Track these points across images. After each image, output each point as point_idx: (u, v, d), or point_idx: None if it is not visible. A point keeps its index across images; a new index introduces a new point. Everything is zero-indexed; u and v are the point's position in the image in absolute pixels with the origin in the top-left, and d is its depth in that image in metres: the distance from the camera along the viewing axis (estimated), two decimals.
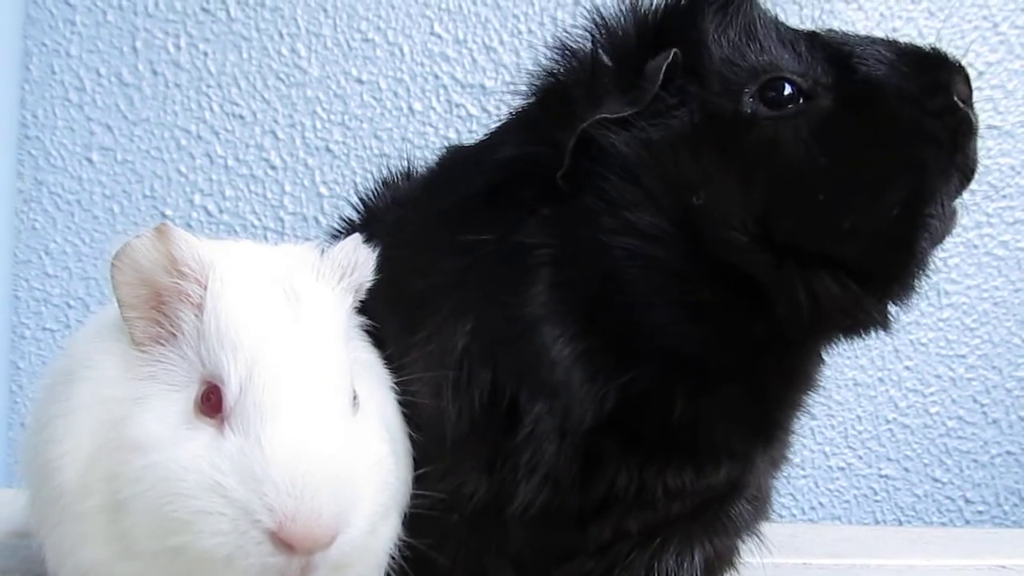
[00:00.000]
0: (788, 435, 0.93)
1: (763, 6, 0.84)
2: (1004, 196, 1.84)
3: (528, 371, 0.80)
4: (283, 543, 0.67)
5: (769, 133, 0.77)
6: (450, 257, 0.84)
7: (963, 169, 0.79)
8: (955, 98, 0.77)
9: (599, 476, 0.83)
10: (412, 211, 0.95)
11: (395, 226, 0.95)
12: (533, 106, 0.86)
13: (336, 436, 0.72)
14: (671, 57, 0.79)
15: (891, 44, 0.81)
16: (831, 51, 0.81)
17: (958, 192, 0.80)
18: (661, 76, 0.79)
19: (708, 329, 0.78)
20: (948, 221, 0.79)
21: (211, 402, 0.72)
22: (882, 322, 0.82)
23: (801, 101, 0.78)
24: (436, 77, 1.76)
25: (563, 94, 0.83)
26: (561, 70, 0.84)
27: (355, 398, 0.78)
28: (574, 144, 0.79)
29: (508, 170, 0.84)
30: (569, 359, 0.80)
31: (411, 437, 0.85)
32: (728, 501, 0.90)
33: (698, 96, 0.79)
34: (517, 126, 0.88)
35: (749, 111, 0.78)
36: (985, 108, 1.83)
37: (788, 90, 0.78)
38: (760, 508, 0.94)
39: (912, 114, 0.77)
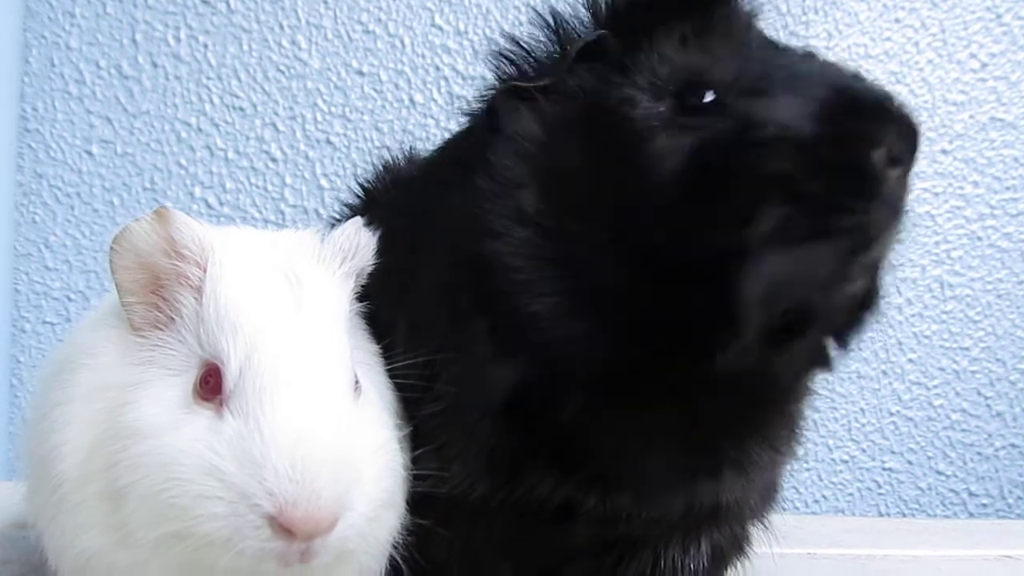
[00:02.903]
0: (783, 444, 0.87)
1: (740, 7, 0.80)
2: (1008, 188, 1.83)
3: (449, 336, 0.79)
4: (282, 528, 0.66)
5: (644, 137, 0.74)
6: (421, 230, 0.84)
7: (851, 232, 0.70)
8: (868, 156, 0.70)
9: (523, 475, 0.80)
10: (410, 190, 0.95)
11: (392, 207, 0.94)
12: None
13: (337, 420, 0.71)
14: (592, 37, 0.78)
15: (835, 79, 0.74)
16: (767, 72, 0.75)
17: (850, 255, 0.71)
18: (573, 54, 0.77)
19: (583, 329, 0.75)
20: (832, 278, 0.71)
21: (209, 386, 0.71)
22: (757, 359, 0.75)
23: (717, 113, 0.74)
24: (437, 69, 1.76)
25: (514, 64, 0.83)
26: (526, 38, 0.84)
27: (356, 383, 0.77)
28: (488, 108, 0.79)
29: (461, 141, 0.85)
30: (482, 328, 0.78)
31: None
32: (719, 522, 0.87)
33: (592, 82, 0.77)
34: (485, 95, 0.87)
35: (633, 110, 0.75)
36: (988, 100, 1.83)
37: (709, 98, 0.75)
38: (768, 496, 0.93)
39: (768, 158, 0.70)
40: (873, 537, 1.39)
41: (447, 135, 1.01)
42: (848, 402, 1.83)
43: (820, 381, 0.93)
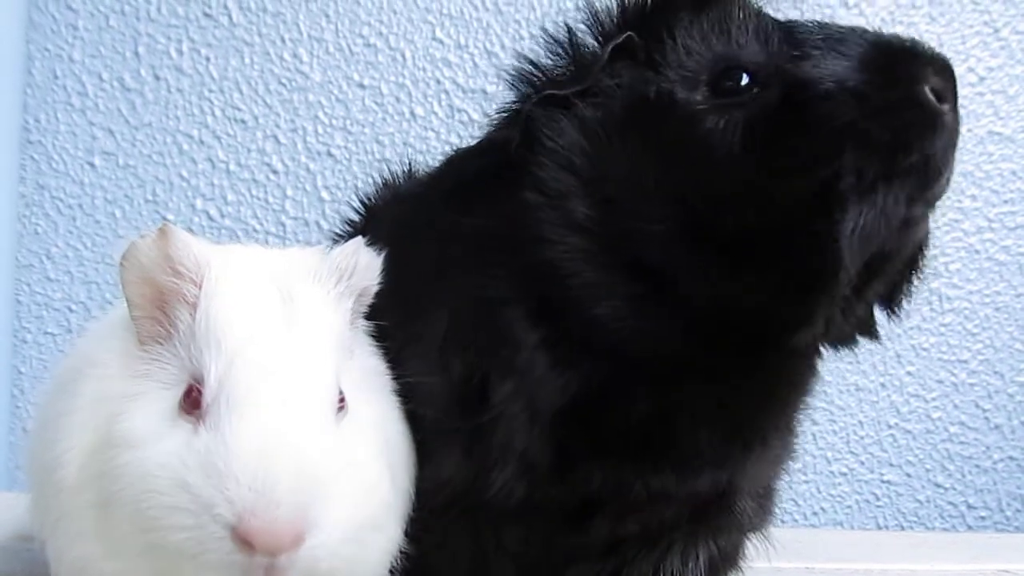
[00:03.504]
0: (785, 436, 0.91)
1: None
2: (1005, 201, 1.84)
3: (496, 351, 0.80)
4: (243, 541, 0.65)
5: (695, 119, 0.76)
6: (436, 245, 0.85)
7: (920, 170, 0.73)
8: (920, 92, 0.72)
9: (573, 471, 0.81)
10: (411, 205, 0.96)
11: (395, 222, 0.95)
12: (517, 93, 0.87)
13: (309, 436, 0.70)
14: (621, 39, 0.79)
15: (864, 35, 0.78)
16: (797, 42, 0.78)
17: (916, 194, 0.74)
18: (606, 55, 0.79)
19: (649, 326, 0.77)
20: (900, 225, 0.74)
21: (191, 399, 0.72)
22: (830, 328, 0.78)
23: (755, 91, 0.76)
24: (438, 82, 1.77)
25: (534, 79, 0.84)
26: (540, 57, 0.85)
27: (342, 403, 0.77)
28: (524, 119, 0.79)
29: (487, 156, 0.85)
30: (534, 341, 0.79)
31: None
32: (730, 499, 0.89)
33: (630, 81, 0.79)
34: (504, 113, 0.88)
35: (678, 97, 0.77)
36: (986, 113, 1.83)
37: (745, 80, 0.77)
38: (765, 506, 0.93)
39: (830, 108, 0.72)
40: (871, 551, 1.39)
41: (448, 148, 1.02)
42: (846, 414, 1.83)
43: (819, 394, 0.94)
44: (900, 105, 0.72)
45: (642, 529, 0.87)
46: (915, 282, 0.83)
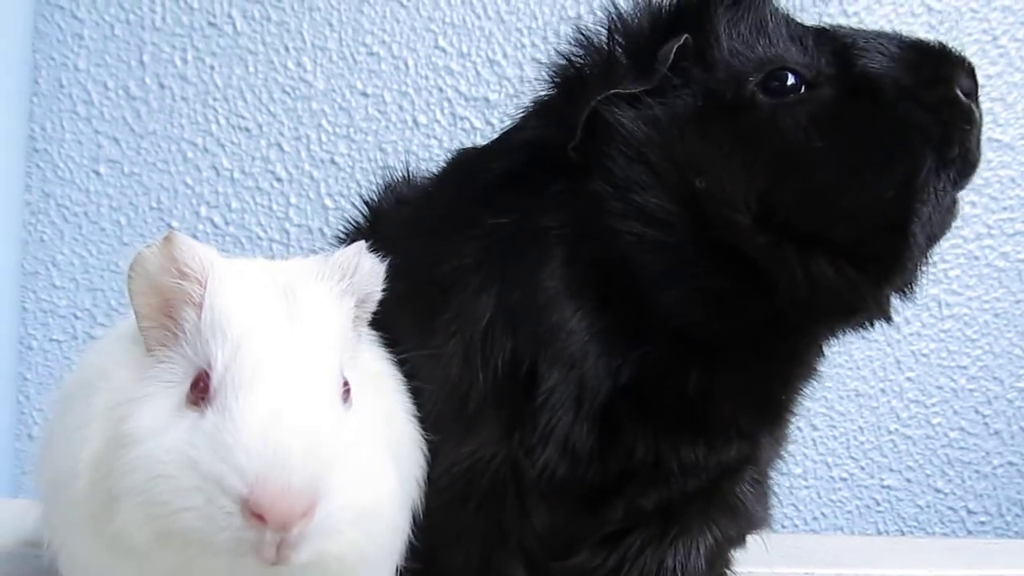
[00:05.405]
0: (791, 416, 0.95)
1: (775, 3, 0.86)
2: (1005, 208, 1.84)
3: (546, 341, 0.83)
4: (254, 515, 0.65)
5: (769, 117, 0.79)
6: (472, 240, 0.87)
7: (960, 162, 0.80)
8: (956, 91, 0.79)
9: (617, 446, 0.84)
10: (425, 204, 0.98)
11: (407, 221, 0.97)
12: (550, 92, 0.89)
13: (317, 410, 0.71)
14: (682, 40, 0.81)
15: (896, 38, 0.83)
16: (836, 44, 0.83)
17: (957, 183, 0.81)
18: (672, 56, 0.81)
19: (716, 312, 0.80)
20: (946, 212, 0.80)
21: (198, 389, 0.72)
22: (880, 310, 0.83)
23: (803, 90, 0.80)
24: (440, 90, 1.78)
25: (578, 79, 0.86)
26: (578, 58, 0.87)
27: (347, 391, 0.77)
28: (585, 118, 0.81)
29: (525, 153, 0.87)
30: (586, 333, 0.82)
31: (428, 418, 0.86)
32: (735, 480, 0.92)
33: (701, 79, 0.82)
34: (535, 112, 0.90)
35: (750, 95, 0.80)
36: (985, 121, 1.83)
37: (791, 80, 0.80)
38: (762, 497, 0.96)
39: (904, 106, 0.78)
40: (871, 556, 1.40)
41: (450, 154, 1.03)
42: (847, 420, 1.84)
43: (819, 399, 0.95)
44: (944, 104, 0.78)
45: (656, 505, 0.89)
46: (927, 267, 0.87)
